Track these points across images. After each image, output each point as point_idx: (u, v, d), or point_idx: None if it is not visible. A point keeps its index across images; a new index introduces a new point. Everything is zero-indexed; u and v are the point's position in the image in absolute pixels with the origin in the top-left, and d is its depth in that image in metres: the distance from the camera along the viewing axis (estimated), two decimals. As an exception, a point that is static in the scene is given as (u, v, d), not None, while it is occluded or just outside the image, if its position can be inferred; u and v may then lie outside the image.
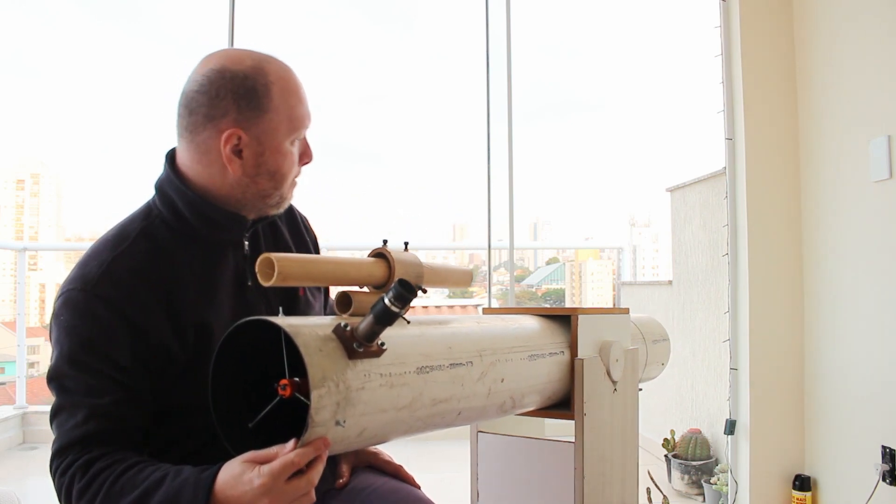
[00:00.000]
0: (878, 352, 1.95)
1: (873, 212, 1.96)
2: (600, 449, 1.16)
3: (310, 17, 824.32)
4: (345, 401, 0.76)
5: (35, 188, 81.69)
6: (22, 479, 2.73)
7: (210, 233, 0.95)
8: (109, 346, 0.86)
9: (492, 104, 2.81)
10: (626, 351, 1.25)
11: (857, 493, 1.97)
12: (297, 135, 0.94)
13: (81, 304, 0.87)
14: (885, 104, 1.92)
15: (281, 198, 0.97)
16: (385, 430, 0.84)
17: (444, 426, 0.95)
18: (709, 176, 3.12)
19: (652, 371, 1.54)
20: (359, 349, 0.77)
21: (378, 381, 0.80)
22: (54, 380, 0.87)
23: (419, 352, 0.88)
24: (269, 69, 0.91)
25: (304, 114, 0.95)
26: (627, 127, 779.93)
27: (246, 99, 0.89)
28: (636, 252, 7.27)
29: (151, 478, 0.81)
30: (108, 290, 0.87)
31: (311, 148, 0.99)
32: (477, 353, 0.97)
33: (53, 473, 0.85)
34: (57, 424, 0.86)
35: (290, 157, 0.95)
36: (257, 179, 0.93)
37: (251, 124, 0.90)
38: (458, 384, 0.92)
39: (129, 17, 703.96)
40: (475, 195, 4.26)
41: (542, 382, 1.09)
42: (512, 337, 1.08)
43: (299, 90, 0.94)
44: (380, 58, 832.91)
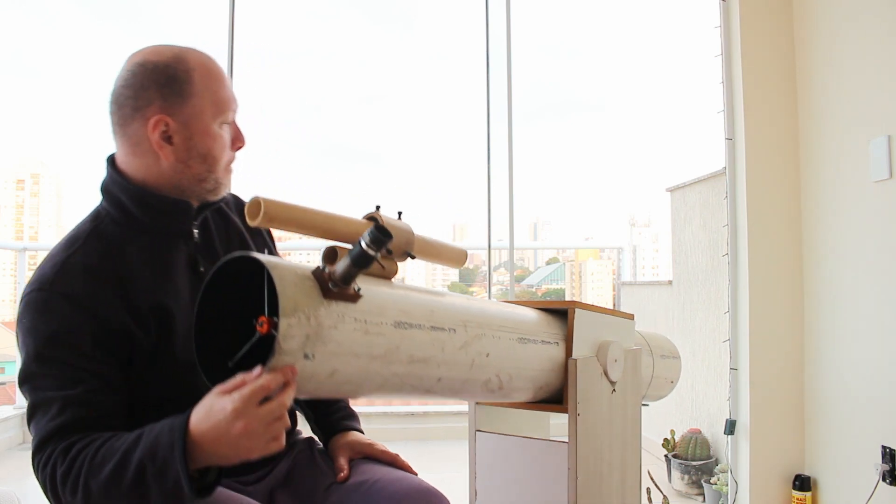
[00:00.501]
0: (878, 352, 1.95)
1: (873, 212, 1.96)
2: (597, 449, 1.16)
3: (310, 18, 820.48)
4: (315, 335, 0.77)
5: (35, 188, 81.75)
6: (22, 479, 2.73)
7: (157, 223, 0.97)
8: (72, 337, 0.87)
9: (492, 104, 2.81)
10: (628, 351, 1.24)
11: (857, 493, 1.97)
12: (223, 117, 0.97)
13: (40, 303, 0.89)
14: (885, 104, 1.92)
15: (216, 182, 0.99)
16: (358, 377, 0.84)
17: (424, 391, 0.95)
18: (709, 176, 3.12)
19: (660, 388, 1.52)
20: (334, 289, 0.78)
21: (352, 324, 0.80)
22: (25, 382, 0.88)
23: (399, 308, 0.89)
24: (189, 57, 0.95)
25: (229, 97, 0.98)
26: (627, 127, 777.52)
27: (168, 86, 0.92)
28: (636, 252, 7.29)
29: (128, 439, 0.82)
30: (64, 286, 0.89)
31: (242, 133, 1.01)
32: (461, 323, 0.97)
33: (36, 469, 0.86)
34: (34, 424, 0.87)
35: (220, 140, 0.97)
36: (190, 163, 0.96)
37: (176, 110, 0.93)
38: (437, 347, 0.91)
39: (129, 17, 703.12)
40: (475, 195, 4.26)
41: (533, 369, 1.09)
42: (502, 317, 1.07)
43: (221, 75, 0.98)
44: (380, 58, 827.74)
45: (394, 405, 5.73)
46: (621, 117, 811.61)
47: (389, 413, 3.67)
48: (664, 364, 1.50)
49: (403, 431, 3.52)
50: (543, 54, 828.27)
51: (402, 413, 3.65)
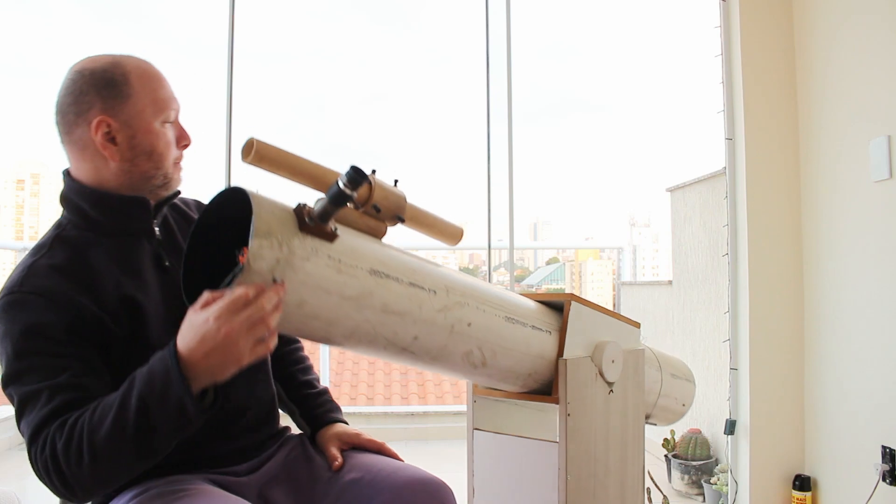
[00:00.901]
0: (878, 352, 1.95)
1: (873, 212, 1.96)
2: (590, 450, 1.15)
3: (310, 18, 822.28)
4: (286, 262, 0.80)
5: (35, 188, 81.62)
6: (22, 478, 2.73)
7: (117, 223, 1.00)
8: (47, 329, 0.89)
9: (492, 104, 2.80)
10: (629, 353, 1.22)
11: (857, 493, 1.97)
12: (164, 116, 1.00)
13: (11, 305, 0.91)
14: (885, 104, 1.92)
15: (165, 177, 1.02)
16: (328, 314, 0.85)
17: (400, 349, 0.95)
18: (709, 176, 3.12)
19: (669, 409, 1.47)
20: (310, 223, 0.82)
21: (325, 260, 0.83)
22: (10, 384, 0.89)
23: (378, 258, 0.91)
24: (125, 62, 0.99)
25: (168, 97, 1.01)
26: (627, 127, 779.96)
27: (107, 89, 0.96)
28: (636, 252, 7.31)
29: (122, 388, 0.83)
30: (32, 286, 0.91)
31: (187, 131, 1.05)
32: (444, 287, 0.98)
33: (34, 459, 0.85)
34: (24, 420, 0.87)
35: (164, 137, 1.00)
36: (136, 162, 0.98)
37: (117, 111, 0.96)
38: (415, 304, 0.93)
39: (129, 18, 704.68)
40: (475, 195, 4.27)
41: (521, 353, 1.08)
42: (491, 293, 1.08)
43: (159, 77, 1.01)
44: (380, 58, 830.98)
45: (393, 405, 5.74)
46: (621, 117, 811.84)
47: (389, 413, 3.67)
48: (675, 384, 1.46)
49: (403, 431, 3.52)
50: (543, 54, 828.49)
51: (402, 413, 3.66)
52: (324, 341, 0.93)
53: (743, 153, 2.31)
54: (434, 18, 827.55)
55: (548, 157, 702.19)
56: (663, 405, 1.44)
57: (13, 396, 0.89)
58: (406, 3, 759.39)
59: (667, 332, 3.60)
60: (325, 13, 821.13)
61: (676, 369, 1.48)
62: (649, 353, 1.41)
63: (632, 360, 1.23)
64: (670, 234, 3.61)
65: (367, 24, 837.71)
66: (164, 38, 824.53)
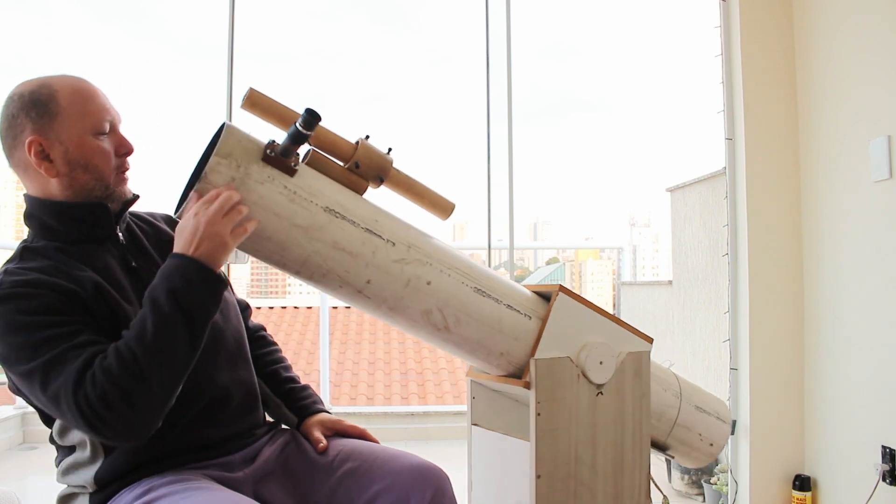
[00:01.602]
0: (878, 352, 1.95)
1: (873, 212, 1.96)
2: (569, 451, 1.14)
3: (310, 18, 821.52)
4: (240, 181, 0.94)
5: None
6: (22, 479, 2.73)
7: (81, 231, 1.03)
8: (46, 308, 0.91)
9: (492, 104, 2.80)
10: (629, 357, 1.19)
11: (857, 493, 1.97)
12: (97, 128, 1.02)
13: (6, 299, 0.92)
14: (885, 104, 1.92)
15: (106, 188, 1.04)
16: (279, 237, 0.97)
17: (355, 290, 1.03)
18: (709, 176, 3.13)
19: (689, 443, 1.37)
20: (271, 155, 0.96)
21: (280, 189, 0.96)
22: (25, 361, 0.89)
23: (337, 200, 1.00)
24: (53, 82, 1.01)
25: (98, 109, 1.02)
26: (627, 127, 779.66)
27: (35, 110, 0.99)
28: (636, 252, 7.32)
29: (144, 303, 0.92)
30: (15, 282, 0.94)
31: (127, 139, 1.07)
32: (406, 243, 1.04)
33: (86, 404, 0.86)
34: (54, 381, 0.88)
35: (99, 150, 1.02)
36: (74, 175, 1.01)
37: (47, 129, 0.99)
38: (368, 248, 1.00)
39: (129, 18, 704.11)
40: (475, 195, 4.26)
41: (489, 328, 1.09)
42: (462, 262, 1.10)
43: (89, 91, 1.03)
44: (380, 58, 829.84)
45: (393, 405, 5.74)
46: (621, 117, 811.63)
47: (389, 413, 3.68)
48: (699, 418, 1.37)
49: (404, 431, 3.52)
50: (543, 54, 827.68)
51: (402, 413, 3.66)
52: (280, 266, 1.02)
53: (743, 153, 2.31)
54: (434, 18, 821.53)
55: (548, 157, 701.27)
56: (682, 437, 1.36)
57: (33, 372, 0.89)
58: (406, 3, 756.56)
59: (667, 332, 3.60)
60: (325, 13, 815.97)
61: (705, 403, 1.39)
62: (668, 376, 1.35)
63: (631, 367, 1.20)
64: (670, 234, 3.61)
65: (367, 24, 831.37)
66: (164, 38, 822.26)
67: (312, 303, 8.38)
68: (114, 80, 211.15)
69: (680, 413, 1.33)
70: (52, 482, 1.05)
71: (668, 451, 1.40)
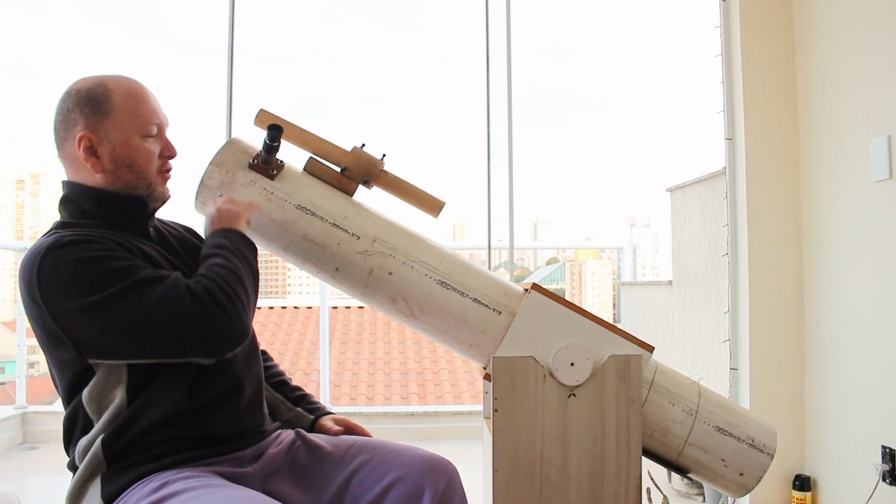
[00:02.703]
0: (878, 352, 1.95)
1: (873, 212, 1.96)
2: (533, 451, 1.15)
3: (310, 18, 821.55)
4: (228, 184, 1.17)
5: (35, 188, 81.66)
6: (22, 479, 2.73)
7: (117, 219, 1.08)
8: (113, 248, 1.00)
9: (492, 104, 2.80)
10: (616, 359, 1.17)
11: (857, 493, 1.97)
12: (145, 131, 1.08)
13: (71, 244, 0.97)
14: (885, 104, 1.92)
15: (149, 187, 1.11)
16: (261, 229, 1.18)
17: (329, 275, 1.20)
18: (709, 176, 3.13)
19: (709, 466, 1.27)
20: (254, 163, 1.19)
21: (260, 190, 1.17)
22: (125, 289, 0.95)
23: (311, 200, 1.18)
24: (109, 81, 1.08)
25: (149, 113, 1.09)
26: (627, 127, 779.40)
27: (90, 107, 1.05)
28: (636, 252, 7.32)
29: (201, 256, 1.08)
30: (78, 233, 1.01)
31: (172, 144, 1.14)
32: (371, 237, 1.17)
33: (201, 293, 0.97)
34: (161, 293, 0.96)
35: (144, 151, 1.09)
36: (118, 173, 1.07)
37: (98, 126, 1.05)
38: (333, 241, 1.17)
39: (129, 18, 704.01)
40: (475, 195, 4.26)
41: (454, 319, 1.15)
42: (431, 256, 1.17)
43: (142, 94, 1.09)
44: (380, 58, 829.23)
45: (393, 405, 5.74)
46: (621, 117, 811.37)
47: (389, 413, 3.67)
48: (720, 440, 1.26)
49: (404, 431, 3.52)
50: (543, 54, 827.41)
51: (402, 413, 3.66)
52: (269, 251, 1.22)
53: (743, 153, 2.31)
54: (434, 18, 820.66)
55: (548, 157, 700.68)
56: (698, 459, 1.27)
57: (126, 291, 0.95)
58: (406, 3, 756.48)
59: (667, 332, 3.60)
60: (325, 13, 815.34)
61: (731, 426, 1.28)
62: (682, 389, 1.27)
63: (615, 370, 1.17)
64: (670, 234, 3.61)
65: (367, 24, 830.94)
66: (164, 38, 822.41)
67: (312, 303, 8.37)
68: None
69: (692, 432, 1.24)
70: (53, 482, 1.06)
71: (688, 474, 1.32)
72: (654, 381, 1.25)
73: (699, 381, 1.33)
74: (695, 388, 1.29)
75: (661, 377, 1.26)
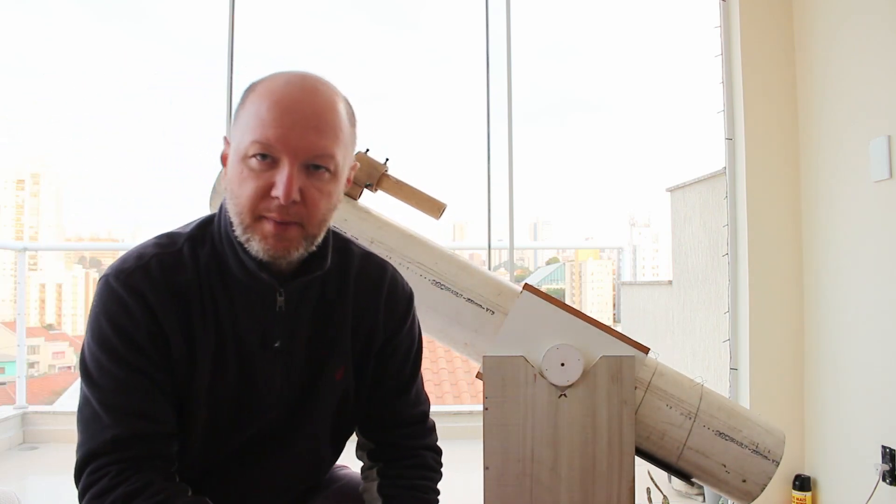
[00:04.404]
0: (878, 352, 1.95)
1: (873, 212, 1.96)
2: (523, 450, 1.16)
3: (310, 18, 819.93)
4: None
5: (35, 188, 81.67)
6: (22, 479, 2.73)
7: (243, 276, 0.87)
8: (135, 331, 0.83)
9: (492, 104, 2.80)
10: (609, 359, 1.17)
11: (857, 493, 1.97)
12: (258, 148, 0.79)
13: (112, 291, 0.84)
14: (885, 104, 1.92)
15: (245, 235, 0.83)
16: None
17: None
18: (709, 176, 3.12)
19: (710, 471, 1.24)
20: None
21: None
22: (81, 368, 0.85)
23: None
24: (268, 78, 0.85)
25: (268, 123, 0.79)
26: (627, 127, 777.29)
27: (238, 106, 0.86)
28: (636, 252, 7.32)
29: None
30: (138, 281, 0.83)
31: (291, 185, 0.79)
32: (368, 239, 1.19)
33: (81, 478, 0.81)
34: (83, 424, 0.83)
35: (243, 177, 0.81)
36: (227, 197, 0.85)
37: (231, 131, 0.86)
38: None
39: (129, 18, 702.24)
40: (475, 195, 4.26)
41: (448, 318, 1.17)
42: (432, 258, 1.19)
43: (281, 102, 0.80)
44: (380, 59, 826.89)
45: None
46: (621, 117, 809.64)
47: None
48: (720, 445, 1.24)
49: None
50: (543, 54, 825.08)
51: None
52: None
53: (743, 153, 2.31)
54: (434, 18, 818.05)
55: (548, 157, 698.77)
56: (698, 464, 1.25)
57: (82, 382, 0.84)
58: (406, 3, 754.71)
59: (667, 332, 3.60)
60: (325, 13, 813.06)
61: (734, 431, 1.25)
62: (681, 392, 1.26)
63: (606, 371, 1.16)
64: (670, 234, 3.61)
65: (367, 24, 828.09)
66: (164, 38, 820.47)
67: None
68: (113, 80, 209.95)
69: (691, 435, 1.22)
70: (53, 482, 1.05)
71: (691, 479, 1.31)
72: (651, 382, 1.24)
73: (703, 384, 1.31)
74: (696, 391, 1.27)
75: (660, 379, 1.25)
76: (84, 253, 62.90)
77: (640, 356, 1.21)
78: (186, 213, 1.20)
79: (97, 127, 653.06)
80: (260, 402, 0.90)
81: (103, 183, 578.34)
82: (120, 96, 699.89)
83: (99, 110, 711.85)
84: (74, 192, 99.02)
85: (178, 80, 75.82)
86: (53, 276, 58.79)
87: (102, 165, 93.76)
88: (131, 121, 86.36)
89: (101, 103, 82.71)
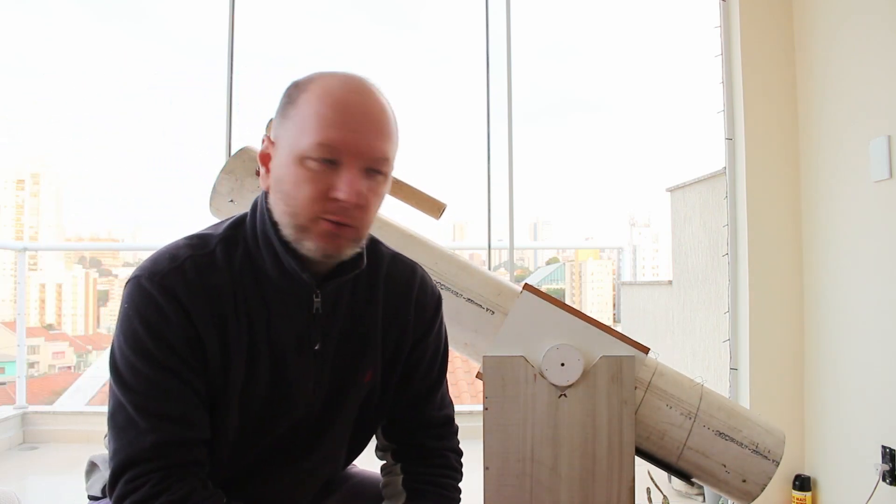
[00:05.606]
0: (878, 352, 1.95)
1: (873, 212, 1.96)
2: (522, 450, 1.16)
3: (310, 18, 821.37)
4: (237, 189, 1.26)
5: (35, 188, 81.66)
6: (22, 479, 2.73)
7: (279, 278, 0.87)
8: (170, 333, 0.81)
9: (492, 104, 2.80)
10: (609, 360, 1.17)
11: (857, 493, 1.97)
12: (317, 152, 0.79)
13: (145, 293, 0.82)
14: (885, 104, 1.92)
15: (298, 235, 0.82)
16: None
17: None
18: (709, 176, 3.12)
19: (711, 472, 1.24)
20: (257, 172, 1.20)
21: None
22: (113, 371, 0.83)
23: None
24: (318, 77, 0.83)
25: (331, 125, 0.79)
26: (627, 127, 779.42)
27: (284, 105, 0.84)
28: (636, 252, 7.31)
29: None
30: (173, 283, 0.82)
31: (358, 189, 0.79)
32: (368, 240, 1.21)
33: (118, 486, 0.79)
34: (117, 430, 0.81)
35: (300, 178, 0.80)
36: (276, 198, 0.83)
37: (277, 130, 0.84)
38: None
39: (129, 18, 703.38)
40: (475, 195, 4.26)
41: (448, 319, 1.12)
42: (432, 257, 1.18)
43: (342, 104, 0.80)
44: (380, 59, 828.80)
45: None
46: (621, 117, 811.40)
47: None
48: (720, 445, 1.24)
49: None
50: (543, 54, 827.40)
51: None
52: None
53: (743, 153, 2.31)
54: (434, 18, 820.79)
55: (548, 157, 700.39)
56: (698, 464, 1.25)
57: (112, 384, 0.82)
58: (406, 3, 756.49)
59: (667, 332, 3.60)
60: (325, 13, 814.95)
61: (734, 430, 1.25)
62: (682, 392, 1.25)
63: (606, 371, 1.16)
64: (670, 234, 3.61)
65: (367, 24, 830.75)
66: (164, 38, 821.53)
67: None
68: (113, 80, 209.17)
69: (691, 435, 1.22)
70: (52, 482, 1.05)
71: (691, 479, 1.30)
72: (651, 382, 1.24)
73: (703, 384, 1.31)
74: (696, 391, 1.28)
75: (660, 379, 1.25)
76: (84, 253, 62.93)
77: (640, 356, 1.20)
78: (186, 213, 1.24)
79: (97, 127, 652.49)
80: (290, 405, 0.90)
81: (103, 183, 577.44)
82: (120, 96, 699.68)
83: (99, 110, 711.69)
84: (74, 192, 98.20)
85: (178, 80, 74.47)
86: (53, 276, 58.82)
87: (102, 165, 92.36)
88: (131, 121, 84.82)
89: (101, 103, 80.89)
